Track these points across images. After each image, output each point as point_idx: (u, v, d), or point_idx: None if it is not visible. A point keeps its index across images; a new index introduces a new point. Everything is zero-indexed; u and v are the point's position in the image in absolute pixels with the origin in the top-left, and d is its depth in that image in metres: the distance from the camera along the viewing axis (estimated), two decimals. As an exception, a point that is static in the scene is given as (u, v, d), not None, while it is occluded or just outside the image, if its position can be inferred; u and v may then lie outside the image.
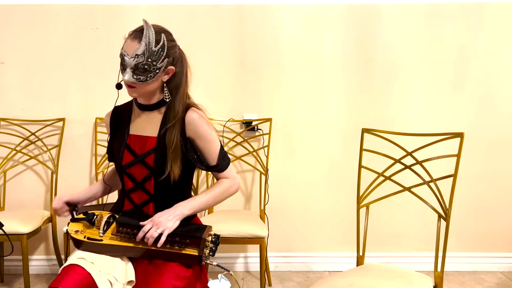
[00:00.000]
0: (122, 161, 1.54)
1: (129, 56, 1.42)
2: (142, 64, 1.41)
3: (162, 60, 1.44)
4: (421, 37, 2.81)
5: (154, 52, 1.41)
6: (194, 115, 1.50)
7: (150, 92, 1.50)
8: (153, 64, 1.42)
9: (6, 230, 1.87)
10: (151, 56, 1.41)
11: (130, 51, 1.42)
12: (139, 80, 1.44)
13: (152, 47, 1.41)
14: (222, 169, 1.56)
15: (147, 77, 1.44)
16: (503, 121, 2.86)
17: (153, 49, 1.41)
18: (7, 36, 2.79)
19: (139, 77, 1.43)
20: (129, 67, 1.43)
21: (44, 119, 2.83)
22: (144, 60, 1.41)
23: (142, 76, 1.43)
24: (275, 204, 2.86)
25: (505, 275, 2.88)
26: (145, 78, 1.44)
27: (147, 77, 1.44)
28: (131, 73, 1.43)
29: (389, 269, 1.72)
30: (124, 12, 2.77)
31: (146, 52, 1.40)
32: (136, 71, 1.43)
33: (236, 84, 2.85)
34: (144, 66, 1.42)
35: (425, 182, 1.76)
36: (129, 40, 1.43)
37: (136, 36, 1.42)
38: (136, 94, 1.50)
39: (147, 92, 1.49)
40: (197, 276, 1.50)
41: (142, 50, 1.40)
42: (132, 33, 1.44)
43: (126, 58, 1.42)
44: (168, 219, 1.43)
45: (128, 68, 1.43)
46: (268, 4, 2.79)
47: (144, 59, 1.41)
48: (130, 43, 1.43)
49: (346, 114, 2.86)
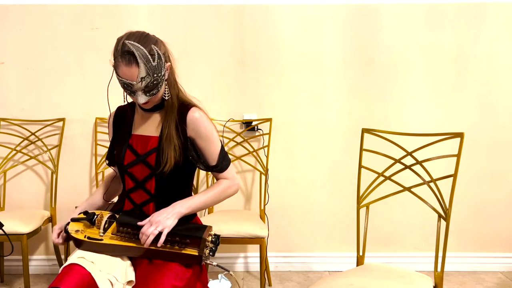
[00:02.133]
0: (124, 160, 1.54)
1: (134, 82, 1.41)
2: (151, 82, 1.42)
3: (164, 67, 1.46)
4: (421, 37, 2.81)
5: (155, 66, 1.42)
6: (195, 114, 1.51)
7: (161, 96, 1.52)
8: (159, 76, 1.44)
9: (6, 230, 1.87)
10: (154, 71, 1.42)
11: (133, 78, 1.41)
12: (152, 95, 1.45)
13: (151, 63, 1.41)
14: (222, 169, 1.56)
15: (158, 88, 1.46)
16: (503, 121, 2.86)
17: (153, 65, 1.41)
18: (7, 36, 2.80)
19: (152, 92, 1.45)
20: (139, 90, 1.43)
21: (44, 119, 2.83)
22: (151, 79, 1.42)
23: (153, 90, 1.45)
24: (275, 204, 2.86)
25: (505, 275, 2.88)
26: (157, 90, 1.46)
27: (158, 88, 1.46)
28: (143, 94, 1.44)
29: (389, 269, 1.72)
30: (124, 12, 2.77)
31: (149, 71, 1.41)
32: (147, 89, 1.43)
33: (236, 84, 2.85)
34: (153, 83, 1.43)
35: (425, 182, 1.76)
36: (124, 68, 1.40)
37: (130, 60, 1.39)
38: (152, 104, 1.52)
39: (159, 98, 1.51)
40: (197, 276, 1.50)
41: (145, 71, 1.40)
42: (121, 59, 1.40)
43: (132, 85, 1.42)
44: (166, 217, 1.43)
45: (139, 91, 1.43)
46: (268, 4, 2.79)
47: (150, 77, 1.42)
48: (126, 70, 1.40)
49: (346, 114, 2.86)
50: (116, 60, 1.42)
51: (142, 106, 1.52)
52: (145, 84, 1.41)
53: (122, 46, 1.40)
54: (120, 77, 1.42)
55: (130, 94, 1.46)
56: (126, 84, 1.42)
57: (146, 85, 1.42)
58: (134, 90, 1.43)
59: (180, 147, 1.50)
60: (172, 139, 1.48)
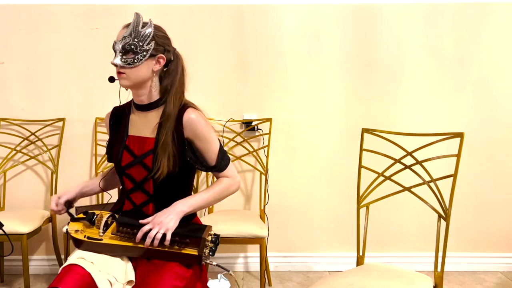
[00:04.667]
0: (122, 162, 1.53)
1: (118, 41, 1.46)
2: (129, 44, 1.44)
3: (149, 43, 1.45)
4: (421, 37, 2.81)
5: (140, 32, 1.44)
6: (192, 115, 1.49)
7: (141, 80, 1.48)
8: (139, 45, 1.44)
9: (6, 230, 1.87)
10: (137, 36, 1.44)
11: (119, 37, 1.46)
12: (126, 62, 1.44)
13: (139, 28, 1.45)
14: (221, 169, 1.55)
15: (134, 59, 1.44)
16: (503, 121, 2.86)
17: (139, 30, 1.45)
18: (7, 36, 2.80)
19: (127, 60, 1.45)
20: (118, 51, 1.46)
21: (44, 119, 2.83)
22: (131, 40, 1.44)
23: (129, 57, 1.44)
24: (275, 204, 2.86)
25: (505, 275, 2.88)
26: (132, 60, 1.44)
27: (134, 59, 1.44)
28: (120, 56, 1.45)
29: (389, 269, 1.72)
30: (124, 12, 2.77)
31: (132, 33, 1.44)
32: (124, 54, 1.45)
33: (236, 84, 2.85)
34: (130, 46, 1.44)
35: (425, 182, 1.76)
36: (121, 30, 1.49)
37: (127, 25, 1.47)
38: (127, 82, 1.47)
39: (138, 80, 1.47)
40: (197, 276, 1.49)
41: (129, 31, 1.45)
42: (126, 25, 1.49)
43: (115, 43, 1.46)
44: (169, 218, 1.42)
45: (117, 52, 1.46)
46: (268, 4, 2.79)
47: (130, 39, 1.44)
48: (121, 31, 1.48)
49: (346, 114, 2.86)
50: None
51: (119, 79, 1.48)
52: (123, 44, 1.44)
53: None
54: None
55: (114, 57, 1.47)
56: (113, 43, 1.47)
57: (123, 45, 1.44)
58: (115, 50, 1.46)
59: (176, 156, 1.48)
60: (167, 147, 1.46)
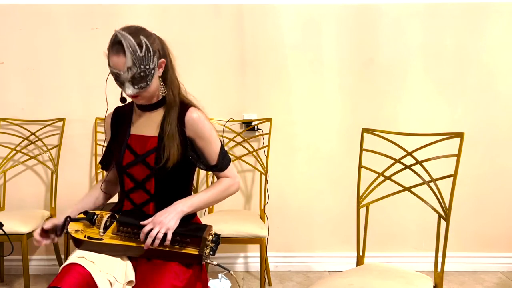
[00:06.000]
0: (123, 161, 1.54)
1: (121, 72, 1.42)
2: (138, 73, 1.42)
3: (153, 60, 1.45)
4: (421, 37, 2.81)
5: (142, 57, 1.42)
6: (194, 115, 1.51)
7: (153, 92, 1.51)
8: (147, 68, 1.43)
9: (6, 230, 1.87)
10: (141, 62, 1.42)
11: (120, 67, 1.42)
12: (141, 88, 1.45)
13: (138, 53, 1.41)
14: (222, 168, 1.56)
15: (147, 82, 1.45)
16: (503, 121, 2.86)
17: (140, 55, 1.41)
18: (7, 36, 2.80)
19: (140, 85, 1.44)
20: (126, 81, 1.43)
21: (44, 119, 2.83)
22: (138, 69, 1.42)
23: (142, 83, 1.44)
24: (275, 204, 2.86)
25: (505, 275, 2.88)
26: (146, 84, 1.45)
27: (147, 82, 1.45)
28: (131, 85, 1.44)
29: (389, 269, 1.72)
30: (124, 12, 2.77)
31: (135, 61, 1.41)
32: (135, 81, 1.43)
33: (236, 84, 2.85)
34: (140, 74, 1.43)
35: (425, 182, 1.76)
36: (113, 57, 1.42)
37: (118, 50, 1.40)
38: (143, 101, 1.52)
39: (151, 93, 1.50)
40: (197, 276, 1.49)
41: (131, 61, 1.40)
42: (111, 48, 1.42)
43: (120, 75, 1.43)
44: (169, 218, 1.43)
45: (127, 82, 1.44)
46: (268, 4, 2.79)
47: (137, 68, 1.41)
48: (115, 58, 1.41)
49: (346, 114, 2.86)
50: (108, 50, 1.45)
51: (135, 101, 1.52)
52: (132, 75, 1.42)
53: (114, 36, 1.42)
54: (110, 67, 1.45)
55: (120, 85, 1.46)
56: (115, 74, 1.44)
57: (132, 75, 1.42)
58: (122, 80, 1.44)
59: (180, 146, 1.50)
60: (175, 136, 1.49)
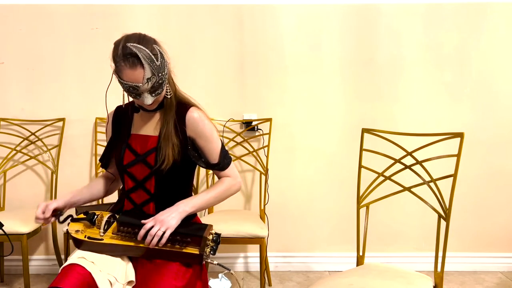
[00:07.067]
0: (123, 160, 1.54)
1: (141, 84, 1.40)
2: (156, 82, 1.42)
3: (166, 65, 1.45)
4: (422, 37, 2.81)
5: (159, 65, 1.41)
6: (194, 114, 1.52)
7: (163, 95, 1.52)
8: (163, 75, 1.44)
9: (6, 230, 1.87)
10: (159, 71, 1.42)
11: (139, 80, 1.39)
12: (157, 94, 1.45)
13: (155, 63, 1.40)
14: (223, 167, 1.56)
15: (162, 87, 1.45)
16: (503, 121, 2.86)
17: (157, 64, 1.41)
18: (7, 36, 2.80)
19: (157, 92, 1.45)
20: (145, 92, 1.42)
21: (44, 119, 2.83)
22: (157, 78, 1.41)
23: (158, 90, 1.44)
24: (275, 204, 2.86)
25: (505, 275, 2.88)
26: (161, 90, 1.46)
27: (162, 87, 1.45)
28: (149, 95, 1.43)
29: (389, 269, 1.72)
30: (124, 12, 2.77)
31: (154, 71, 1.40)
32: (152, 90, 1.43)
33: (236, 84, 2.85)
34: (158, 82, 1.43)
35: (425, 182, 1.76)
36: (128, 71, 1.38)
37: (134, 63, 1.38)
38: (156, 104, 1.52)
39: (162, 97, 1.51)
40: (197, 276, 1.50)
41: (150, 72, 1.39)
42: (125, 63, 1.38)
43: (138, 87, 1.40)
44: (171, 217, 1.43)
45: (145, 93, 1.42)
46: (268, 4, 2.79)
47: (156, 77, 1.41)
48: (131, 73, 1.38)
49: (346, 114, 2.87)
50: (118, 64, 1.40)
51: (148, 108, 1.52)
52: (151, 85, 1.41)
53: (123, 49, 1.38)
54: (125, 81, 1.41)
55: (135, 97, 1.44)
56: (132, 87, 1.40)
57: (152, 85, 1.41)
58: (140, 92, 1.42)
59: (179, 146, 1.50)
60: (171, 137, 1.49)
